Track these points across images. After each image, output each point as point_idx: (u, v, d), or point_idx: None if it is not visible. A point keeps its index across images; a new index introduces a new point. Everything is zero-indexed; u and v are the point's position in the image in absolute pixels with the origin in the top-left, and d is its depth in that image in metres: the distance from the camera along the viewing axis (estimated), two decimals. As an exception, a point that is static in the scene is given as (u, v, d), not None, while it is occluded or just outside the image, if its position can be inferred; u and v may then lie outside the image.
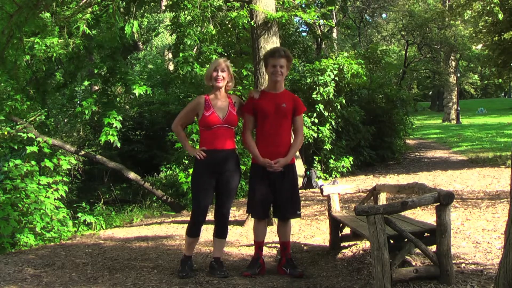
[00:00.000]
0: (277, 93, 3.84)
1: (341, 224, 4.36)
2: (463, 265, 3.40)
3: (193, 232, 3.81)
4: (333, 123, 10.87)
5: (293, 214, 3.88)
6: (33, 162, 7.46)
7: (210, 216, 4.05)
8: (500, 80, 28.94)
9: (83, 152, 10.00)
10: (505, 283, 2.37)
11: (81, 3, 6.68)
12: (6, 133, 8.18)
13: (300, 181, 9.76)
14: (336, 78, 10.78)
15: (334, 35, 24.03)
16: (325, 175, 10.70)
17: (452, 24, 22.47)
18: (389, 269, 2.90)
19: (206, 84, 3.89)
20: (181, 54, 9.15)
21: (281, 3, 6.89)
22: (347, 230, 4.47)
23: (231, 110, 3.77)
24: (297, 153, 10.29)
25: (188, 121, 4.00)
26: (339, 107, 10.89)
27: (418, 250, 3.34)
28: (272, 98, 3.80)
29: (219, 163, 3.72)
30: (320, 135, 10.61)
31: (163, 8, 14.35)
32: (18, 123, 8.52)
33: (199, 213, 3.77)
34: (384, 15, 31.65)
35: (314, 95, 10.60)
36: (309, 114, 10.68)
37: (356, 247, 4.35)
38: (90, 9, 6.68)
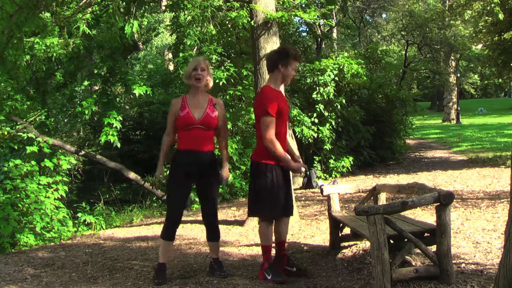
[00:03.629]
0: (281, 91, 3.80)
1: (341, 224, 4.36)
2: (463, 265, 3.40)
3: (170, 234, 3.67)
4: (333, 123, 10.88)
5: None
6: (33, 162, 7.45)
7: (219, 217, 4.02)
8: (500, 80, 28.92)
9: (83, 152, 10.00)
10: (505, 283, 2.37)
11: (81, 3, 6.67)
12: (6, 133, 8.18)
13: (300, 181, 9.77)
14: (336, 78, 10.78)
15: (334, 35, 24.02)
16: (325, 175, 10.71)
17: (452, 24, 22.45)
18: (389, 269, 2.90)
19: (186, 83, 3.81)
20: (181, 54, 9.14)
21: (281, 3, 6.88)
22: (347, 230, 4.47)
23: (208, 111, 3.65)
24: (297, 153, 10.31)
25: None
26: (339, 107, 10.89)
27: (418, 250, 3.34)
28: (284, 97, 3.78)
29: (196, 164, 3.61)
30: (320, 135, 10.61)
31: (163, 8, 14.35)
32: (18, 123, 8.53)
33: (176, 214, 3.66)
34: (384, 15, 31.62)
35: (314, 95, 10.61)
36: (309, 114, 10.69)
37: (356, 247, 4.35)
38: (90, 9, 6.67)
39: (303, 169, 3.68)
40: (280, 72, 3.66)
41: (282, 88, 3.85)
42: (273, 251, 3.84)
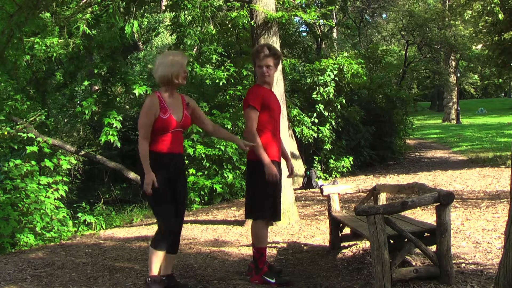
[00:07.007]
0: (271, 90, 3.70)
1: (341, 224, 4.36)
2: (463, 265, 3.40)
3: (167, 244, 3.27)
4: (333, 123, 10.88)
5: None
6: (33, 162, 7.47)
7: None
8: (500, 80, 28.95)
9: (83, 152, 10.00)
10: (505, 283, 2.37)
11: (81, 3, 6.67)
12: (6, 133, 8.19)
13: (300, 181, 9.78)
14: (336, 78, 10.79)
15: (334, 35, 24.04)
16: (325, 175, 10.71)
17: (452, 24, 22.47)
18: (389, 269, 2.90)
19: (171, 83, 3.32)
20: (181, 54, 9.13)
21: (281, 3, 6.88)
22: (347, 230, 4.47)
23: (186, 113, 3.37)
24: (297, 153, 10.33)
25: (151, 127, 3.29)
26: (339, 107, 10.89)
27: (418, 250, 3.34)
28: (274, 96, 3.70)
29: (178, 167, 3.36)
30: (320, 135, 10.62)
31: (163, 8, 14.35)
32: (18, 123, 8.53)
33: (173, 222, 3.28)
34: (384, 15, 31.66)
35: (314, 95, 10.62)
36: (309, 114, 10.69)
37: (356, 247, 4.35)
38: (90, 9, 6.68)
39: (274, 178, 3.38)
40: (255, 71, 3.70)
41: (280, 89, 3.82)
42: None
